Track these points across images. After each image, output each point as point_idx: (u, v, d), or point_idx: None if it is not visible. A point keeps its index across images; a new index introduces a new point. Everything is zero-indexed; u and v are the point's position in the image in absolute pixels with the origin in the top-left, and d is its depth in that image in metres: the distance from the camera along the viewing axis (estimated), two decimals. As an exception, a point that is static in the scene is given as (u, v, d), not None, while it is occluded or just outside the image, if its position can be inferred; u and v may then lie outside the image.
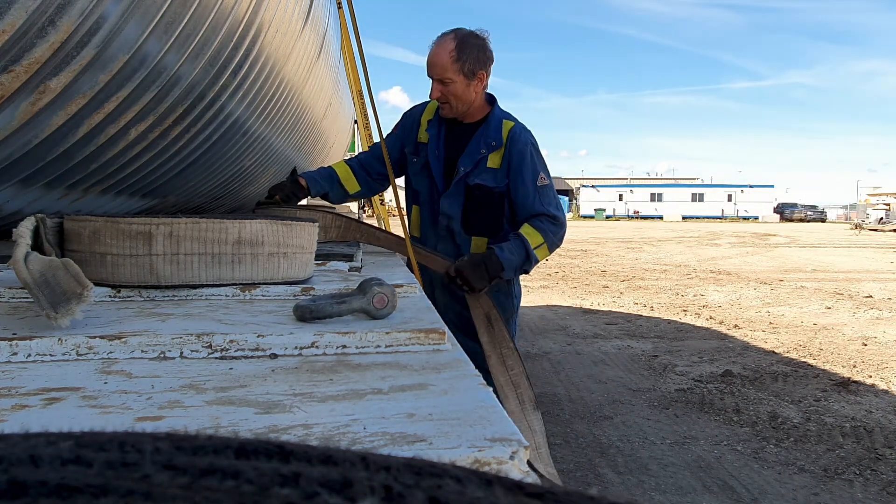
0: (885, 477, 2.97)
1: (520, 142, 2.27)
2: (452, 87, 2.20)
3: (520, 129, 2.31)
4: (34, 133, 1.52)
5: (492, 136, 2.28)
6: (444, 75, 2.18)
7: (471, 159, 2.28)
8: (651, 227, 34.92)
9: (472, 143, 2.29)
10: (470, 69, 2.19)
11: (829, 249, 17.36)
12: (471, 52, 2.18)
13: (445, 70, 2.18)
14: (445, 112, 2.29)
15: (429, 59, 2.23)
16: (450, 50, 2.17)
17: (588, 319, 6.77)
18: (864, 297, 8.30)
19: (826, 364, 4.93)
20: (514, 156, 2.26)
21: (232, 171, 3.26)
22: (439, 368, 0.76)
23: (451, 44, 2.18)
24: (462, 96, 2.22)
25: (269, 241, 1.21)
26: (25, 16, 1.16)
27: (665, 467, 3.08)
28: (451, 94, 2.21)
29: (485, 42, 2.23)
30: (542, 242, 2.22)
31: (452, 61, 2.17)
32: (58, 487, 0.18)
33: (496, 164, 2.28)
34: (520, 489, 0.21)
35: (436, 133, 2.34)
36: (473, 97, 2.25)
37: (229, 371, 0.74)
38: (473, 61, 2.19)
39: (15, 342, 0.77)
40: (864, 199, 53.63)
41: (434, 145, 2.34)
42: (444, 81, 2.19)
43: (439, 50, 2.20)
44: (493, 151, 2.27)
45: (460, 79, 2.19)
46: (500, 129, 2.30)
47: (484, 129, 2.30)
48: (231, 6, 1.84)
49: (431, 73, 2.22)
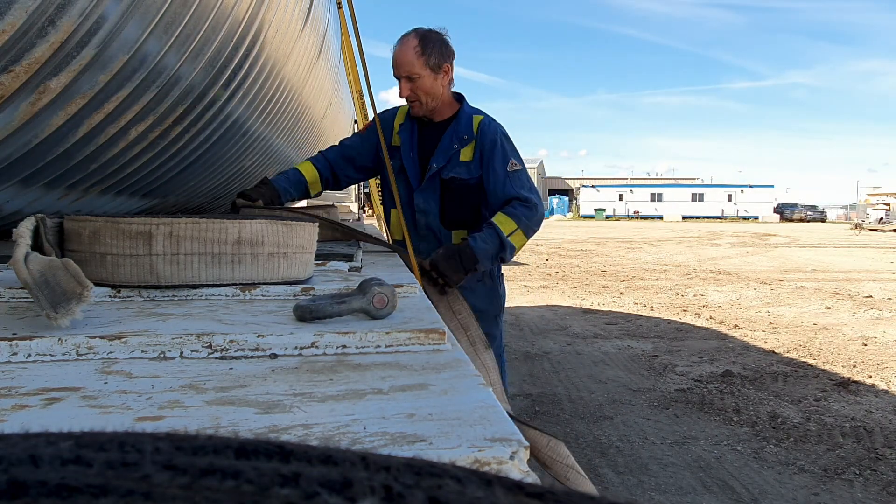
0: (885, 477, 2.97)
1: (489, 131, 2.34)
2: (420, 82, 2.26)
3: (488, 120, 2.38)
4: (34, 133, 1.52)
5: (463, 130, 2.34)
6: (412, 71, 2.25)
7: (444, 155, 2.34)
8: (651, 227, 34.92)
9: (444, 139, 2.34)
10: (435, 62, 2.26)
11: (829, 249, 17.36)
12: (434, 47, 2.26)
13: (412, 66, 2.24)
14: (416, 110, 2.34)
15: (394, 59, 2.29)
16: (414, 46, 2.24)
17: (588, 319, 6.77)
18: (864, 297, 8.30)
19: (826, 364, 4.94)
20: (485, 145, 2.32)
21: (232, 171, 3.26)
22: (439, 368, 0.76)
23: (415, 40, 2.25)
24: (430, 91, 2.28)
25: (269, 241, 1.21)
26: (25, 16, 1.16)
27: (665, 467, 3.08)
28: (420, 90, 2.27)
29: (445, 37, 2.31)
30: (515, 228, 2.24)
31: (417, 56, 2.24)
32: (58, 487, 0.18)
33: (468, 157, 2.34)
34: (520, 489, 0.21)
35: (408, 136, 2.40)
36: (441, 91, 2.31)
37: (229, 371, 0.74)
38: (437, 55, 2.26)
39: (15, 342, 0.77)
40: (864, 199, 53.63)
41: (407, 147, 2.39)
42: (411, 77, 2.26)
43: (403, 48, 2.26)
44: (466, 145, 2.33)
45: (427, 73, 2.26)
46: (470, 123, 2.36)
47: (455, 126, 2.36)
48: (231, 6, 1.84)
49: (399, 72, 2.28)
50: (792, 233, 28.29)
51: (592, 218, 52.41)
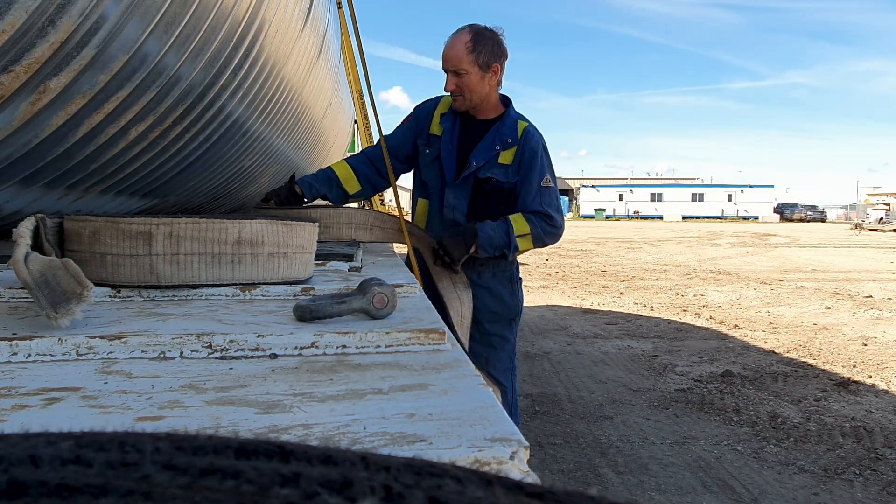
0: (885, 477, 2.97)
1: (532, 140, 2.32)
2: (467, 78, 2.22)
3: (533, 129, 2.36)
4: (34, 133, 1.52)
5: (507, 133, 2.32)
6: (459, 66, 2.21)
7: (484, 154, 2.31)
8: (651, 227, 34.92)
9: (487, 138, 2.32)
10: (485, 61, 2.22)
11: (829, 249, 17.36)
12: (486, 45, 2.22)
13: (461, 61, 2.21)
14: (459, 105, 2.31)
15: (444, 52, 2.26)
16: (465, 41, 2.21)
17: (588, 319, 6.77)
18: (864, 297, 8.30)
19: (826, 364, 4.93)
20: (525, 153, 2.30)
21: (232, 171, 3.26)
22: (439, 368, 0.76)
23: (467, 36, 2.22)
24: (476, 88, 2.25)
25: (269, 241, 1.21)
26: (25, 16, 1.16)
27: (665, 467, 3.08)
28: (465, 86, 2.24)
29: (499, 37, 2.27)
30: (527, 232, 2.27)
31: (468, 52, 2.20)
32: (58, 487, 0.18)
33: (508, 161, 2.32)
34: (520, 489, 0.21)
35: (450, 126, 2.36)
36: (487, 90, 2.28)
37: (229, 371, 0.74)
38: (488, 53, 2.22)
39: (15, 342, 0.77)
40: (864, 199, 53.61)
41: (448, 138, 2.35)
42: (458, 73, 2.22)
43: (455, 41, 2.23)
44: (507, 149, 2.31)
45: (475, 70, 2.22)
46: (515, 127, 2.34)
47: (499, 127, 2.33)
48: (231, 6, 1.84)
49: (447, 66, 2.25)
50: (792, 233, 28.29)
51: (592, 218, 52.41)
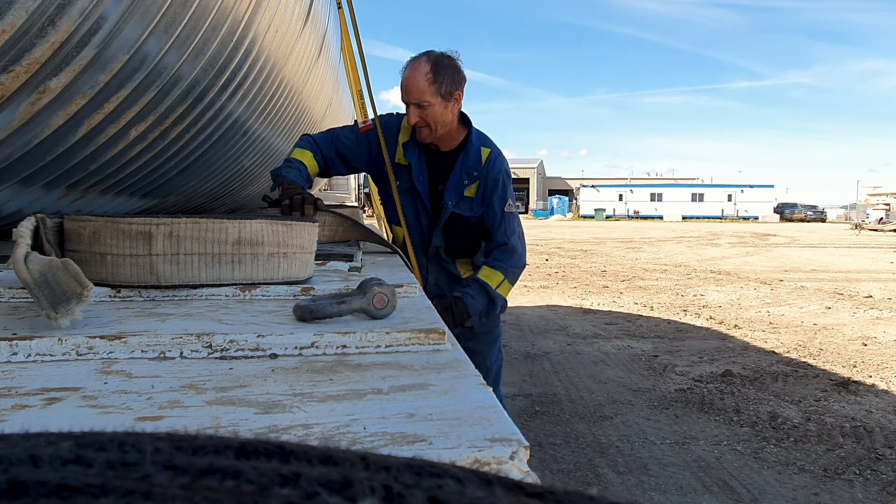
0: (885, 477, 2.97)
1: (495, 170, 2.31)
2: (431, 110, 2.17)
3: (496, 155, 2.34)
4: (34, 133, 1.52)
5: (472, 165, 2.30)
6: (423, 98, 2.15)
7: (455, 193, 2.30)
8: (651, 227, 34.93)
9: (455, 174, 2.30)
10: (447, 90, 2.16)
11: (829, 249, 17.36)
12: (446, 74, 2.16)
13: (423, 93, 2.14)
14: (424, 136, 2.25)
15: (404, 84, 2.19)
16: (425, 73, 2.14)
17: (588, 319, 6.77)
18: (864, 297, 8.30)
19: (826, 364, 4.94)
20: (488, 183, 2.30)
21: (232, 171, 3.26)
22: (439, 368, 0.76)
23: (426, 66, 2.15)
24: (440, 118, 2.20)
25: (269, 241, 1.21)
26: (25, 16, 1.16)
27: (665, 467, 3.08)
28: (430, 118, 2.18)
29: (457, 63, 2.22)
30: (502, 280, 2.29)
31: (429, 83, 2.14)
32: (58, 487, 0.18)
33: (472, 193, 2.32)
34: (520, 489, 0.21)
35: (416, 160, 2.32)
36: (450, 118, 2.24)
37: (229, 371, 0.74)
38: (450, 82, 2.17)
39: (15, 342, 0.77)
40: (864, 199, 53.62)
41: (417, 171, 2.32)
42: (421, 105, 2.16)
43: (414, 73, 2.16)
44: (473, 182, 2.30)
45: (438, 101, 2.16)
46: (479, 157, 2.32)
47: (464, 159, 2.30)
48: (231, 6, 1.84)
49: (408, 98, 2.18)
50: (792, 233, 28.30)
51: (592, 218, 52.42)
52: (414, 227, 2.41)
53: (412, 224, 2.40)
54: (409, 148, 2.33)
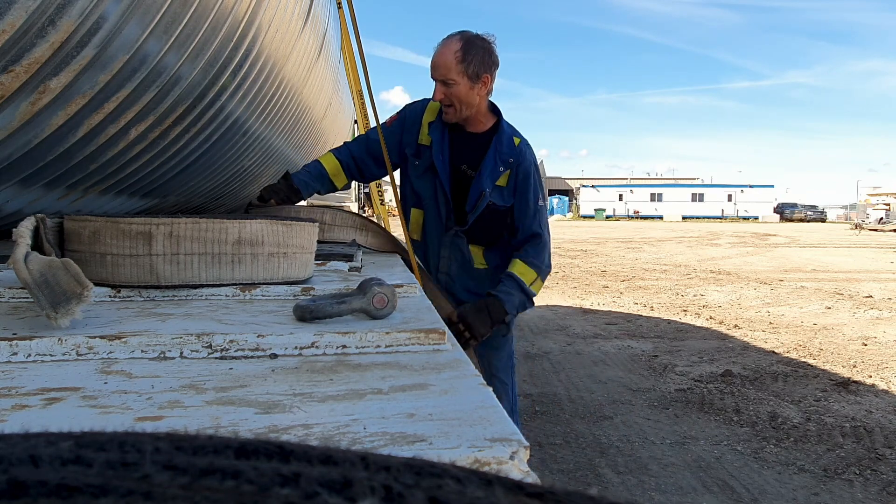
0: (885, 477, 2.97)
1: (526, 161, 2.28)
2: (455, 89, 2.15)
3: (526, 145, 2.32)
4: (34, 133, 1.52)
5: (506, 152, 2.27)
6: (448, 76, 2.13)
7: (491, 179, 2.26)
8: (651, 227, 34.92)
9: (489, 159, 2.26)
10: (474, 71, 2.14)
11: (829, 249, 17.36)
12: (476, 55, 2.14)
13: (449, 71, 2.13)
14: (449, 116, 2.24)
15: (433, 60, 2.18)
16: (455, 51, 2.13)
17: (588, 319, 6.77)
18: (864, 297, 8.30)
19: (826, 364, 4.94)
20: (520, 174, 2.27)
21: (232, 171, 3.26)
22: (439, 368, 0.76)
23: (457, 45, 2.14)
24: (465, 99, 2.17)
25: (269, 241, 1.21)
26: (25, 16, 1.16)
27: (665, 467, 3.08)
28: (454, 97, 2.17)
29: (491, 46, 2.19)
30: (535, 278, 2.27)
31: (457, 62, 2.12)
32: (58, 487, 0.18)
33: (504, 182, 2.28)
34: (520, 489, 0.21)
35: (439, 138, 2.29)
36: (477, 101, 2.21)
37: (229, 371, 0.74)
38: (478, 64, 2.14)
39: (15, 342, 0.77)
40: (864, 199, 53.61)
41: (438, 150, 2.28)
42: (447, 83, 2.15)
43: (444, 50, 2.15)
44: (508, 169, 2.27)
45: (464, 81, 2.14)
46: (512, 144, 2.28)
47: (497, 146, 2.26)
48: (231, 6, 1.84)
49: (435, 75, 2.17)
50: (792, 233, 28.29)
51: (592, 218, 52.41)
52: (431, 209, 2.36)
53: (429, 206, 2.36)
54: (434, 127, 2.30)
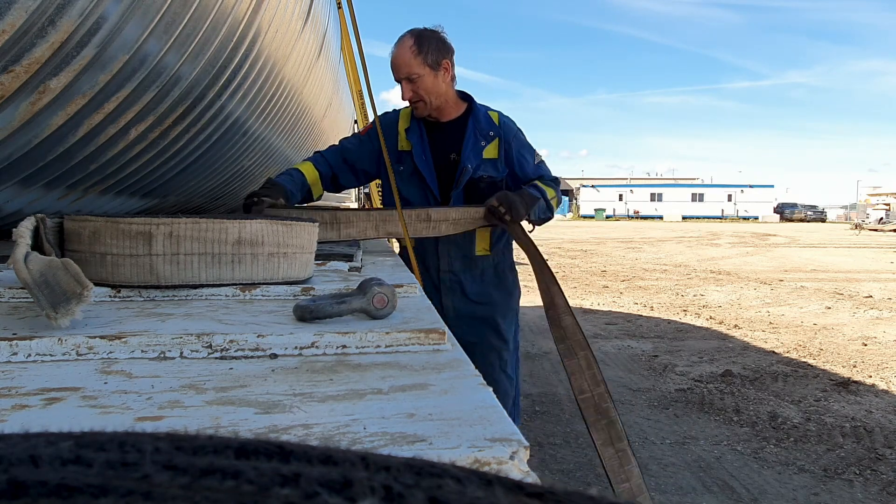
0: (885, 477, 2.97)
1: (510, 129, 2.37)
2: (421, 81, 2.22)
3: (505, 117, 2.40)
4: (34, 133, 1.52)
5: (485, 126, 2.33)
6: (411, 71, 2.21)
7: (474, 154, 2.30)
8: (651, 227, 34.92)
9: (469, 137, 2.30)
10: (434, 60, 2.22)
11: (829, 249, 17.36)
12: (430, 44, 2.22)
13: (410, 66, 2.21)
14: (420, 111, 2.29)
15: (392, 62, 2.25)
16: (410, 46, 2.21)
17: (588, 319, 6.77)
18: (864, 297, 8.30)
19: (826, 364, 4.93)
20: (511, 142, 2.34)
21: (232, 171, 3.26)
22: (439, 368, 0.76)
23: (410, 40, 2.22)
24: (432, 89, 2.24)
25: (269, 241, 1.21)
26: (25, 16, 1.16)
27: (665, 467, 3.08)
28: (422, 90, 2.23)
29: (441, 34, 2.28)
30: (554, 195, 2.37)
31: (414, 55, 2.20)
32: (58, 487, 0.18)
33: (494, 154, 2.33)
34: (520, 489, 0.21)
35: (418, 139, 2.33)
36: (444, 89, 2.28)
37: (229, 371, 0.74)
38: (435, 52, 2.22)
39: (15, 342, 0.77)
40: (864, 199, 53.61)
41: (419, 150, 2.32)
42: (411, 78, 2.22)
43: (400, 50, 2.23)
44: (490, 142, 2.32)
45: (426, 71, 2.22)
46: (490, 119, 2.35)
47: (474, 123, 2.33)
48: (231, 6, 1.84)
49: (399, 75, 2.25)
50: (792, 233, 28.29)
51: (592, 218, 52.42)
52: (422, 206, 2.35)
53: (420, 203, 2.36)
54: (411, 131, 2.35)
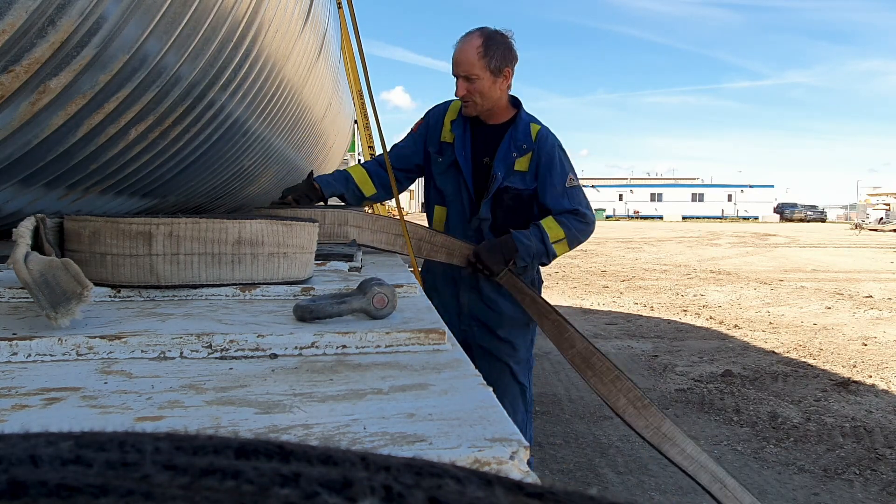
0: (885, 477, 2.97)
1: (547, 144, 2.30)
2: (478, 83, 2.20)
3: (546, 131, 2.34)
4: (34, 133, 1.52)
5: (521, 139, 2.29)
6: (471, 71, 2.18)
7: (504, 164, 2.28)
8: (651, 227, 34.91)
9: (503, 146, 2.29)
10: (496, 66, 2.19)
11: (829, 249, 17.36)
12: (497, 49, 2.19)
13: (472, 66, 2.18)
14: (469, 110, 2.28)
15: (455, 57, 2.23)
16: (476, 46, 2.18)
17: (588, 319, 6.77)
18: (864, 297, 8.30)
19: (826, 364, 4.93)
20: (542, 158, 2.29)
21: (232, 171, 3.26)
22: (439, 368, 0.76)
23: (478, 40, 2.19)
24: (487, 93, 2.22)
25: (269, 241, 1.21)
26: (25, 16, 1.16)
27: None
28: (476, 92, 2.21)
29: (510, 40, 2.25)
30: (562, 237, 2.26)
31: (479, 57, 2.17)
32: (58, 487, 0.18)
33: (524, 167, 2.30)
34: (520, 489, 0.21)
35: (461, 133, 2.33)
36: (498, 95, 2.26)
37: (229, 371, 0.74)
38: (500, 58, 2.19)
39: (15, 342, 0.77)
40: (864, 199, 53.60)
41: (460, 144, 2.33)
42: (469, 78, 2.20)
43: (466, 46, 2.20)
44: (523, 155, 2.28)
45: (486, 75, 2.19)
46: (528, 131, 2.31)
47: (513, 132, 2.30)
48: (231, 6, 1.84)
49: (458, 71, 2.22)
50: (792, 233, 28.29)
51: (592, 218, 52.34)
52: (455, 204, 2.39)
53: (453, 201, 2.38)
54: (456, 124, 2.35)
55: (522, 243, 2.21)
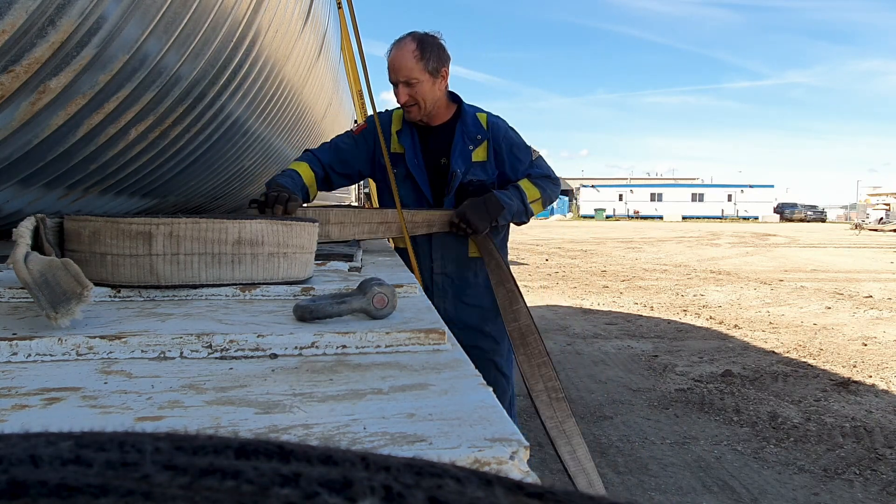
0: (885, 477, 2.97)
1: (500, 129, 2.37)
2: (419, 87, 2.22)
3: (495, 118, 2.41)
4: (34, 133, 1.52)
5: (472, 130, 2.34)
6: (411, 76, 2.21)
7: (462, 159, 2.32)
8: (651, 227, 34.92)
9: (457, 141, 2.32)
10: (434, 67, 2.23)
11: (829, 249, 17.36)
12: (432, 51, 2.22)
13: (411, 70, 2.20)
14: (413, 115, 2.30)
15: (391, 64, 2.24)
16: (412, 50, 2.20)
17: (588, 319, 6.77)
18: (864, 297, 8.30)
19: (826, 364, 4.93)
20: (502, 143, 2.35)
21: (232, 171, 3.26)
22: (439, 368, 0.76)
23: (412, 44, 2.21)
24: (429, 95, 2.25)
25: (269, 241, 1.21)
26: (25, 16, 1.16)
27: (665, 467, 3.08)
28: (418, 95, 2.24)
29: (441, 41, 2.28)
30: (538, 198, 2.36)
31: (416, 60, 2.20)
32: (58, 487, 0.18)
33: (482, 157, 2.34)
34: (520, 489, 0.21)
35: (409, 142, 2.35)
36: (438, 95, 2.29)
37: (229, 371, 0.74)
38: (436, 59, 2.23)
39: (15, 342, 0.77)
40: (864, 199, 53.61)
41: (411, 154, 2.34)
42: (410, 83, 2.22)
43: (401, 52, 2.22)
44: (478, 145, 2.33)
45: (426, 77, 2.22)
46: (477, 122, 2.36)
47: (462, 127, 2.34)
48: (231, 6, 1.84)
49: (397, 77, 2.23)
50: (792, 233, 28.29)
51: (592, 218, 52.42)
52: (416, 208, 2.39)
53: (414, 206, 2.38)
54: (403, 134, 2.37)
55: (506, 202, 2.26)
